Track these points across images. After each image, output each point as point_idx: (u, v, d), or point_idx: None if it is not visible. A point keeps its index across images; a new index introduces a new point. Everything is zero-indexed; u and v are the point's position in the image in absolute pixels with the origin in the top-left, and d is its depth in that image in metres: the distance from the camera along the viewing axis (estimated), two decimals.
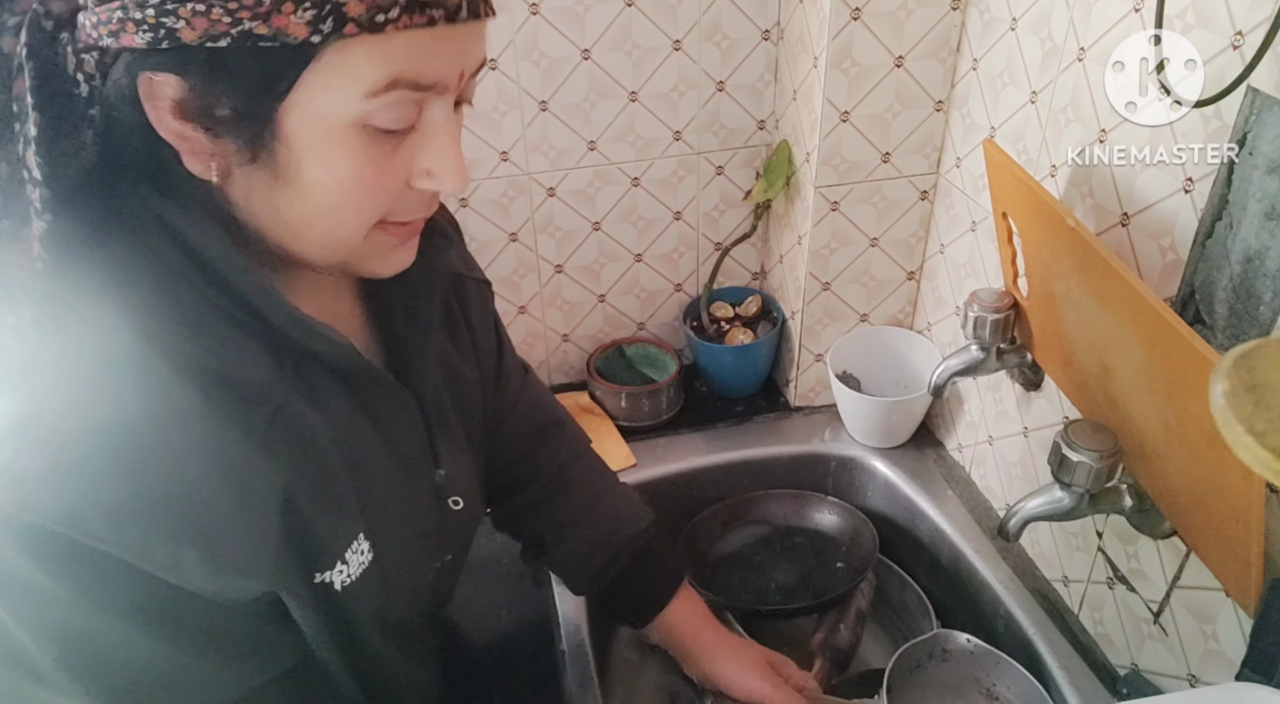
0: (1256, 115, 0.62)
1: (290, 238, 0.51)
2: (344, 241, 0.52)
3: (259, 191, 0.49)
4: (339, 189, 0.49)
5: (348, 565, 0.57)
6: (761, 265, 1.37)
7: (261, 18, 0.42)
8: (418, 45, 0.46)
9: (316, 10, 0.42)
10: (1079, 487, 0.76)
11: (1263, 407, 0.42)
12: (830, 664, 0.96)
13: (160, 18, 0.42)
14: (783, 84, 1.17)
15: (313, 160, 0.47)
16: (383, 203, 0.51)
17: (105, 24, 0.44)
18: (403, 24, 0.44)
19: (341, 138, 0.47)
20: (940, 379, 0.96)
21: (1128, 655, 0.89)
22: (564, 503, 0.87)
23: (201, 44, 0.43)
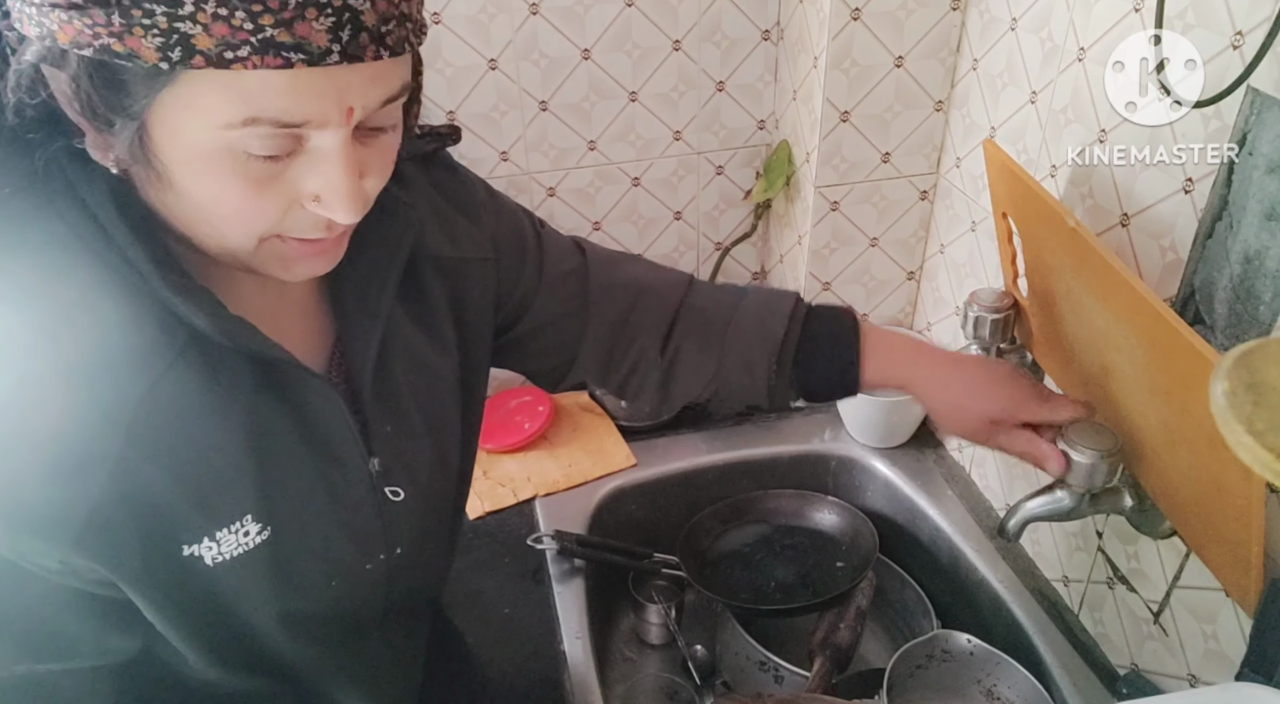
0: (1256, 115, 0.62)
1: (188, 232, 0.52)
2: (233, 248, 0.52)
3: (150, 188, 0.50)
4: (213, 202, 0.49)
5: (217, 543, 0.57)
6: (761, 265, 1.37)
7: (116, 36, 0.43)
8: (276, 86, 0.45)
9: (164, 38, 0.42)
10: (1079, 487, 0.76)
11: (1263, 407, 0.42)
12: (830, 664, 0.96)
13: (40, 17, 0.44)
14: (783, 84, 1.17)
15: (182, 172, 0.48)
16: (265, 220, 0.51)
17: (12, 9, 0.45)
18: (252, 63, 0.43)
19: (208, 158, 0.47)
20: None
21: (1128, 655, 0.89)
22: (691, 356, 0.81)
23: (74, 50, 0.44)
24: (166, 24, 0.42)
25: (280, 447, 0.59)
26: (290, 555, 0.61)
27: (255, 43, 0.43)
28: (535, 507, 1.15)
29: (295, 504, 0.60)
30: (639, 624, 1.13)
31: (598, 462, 1.20)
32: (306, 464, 0.61)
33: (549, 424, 1.24)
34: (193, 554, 0.56)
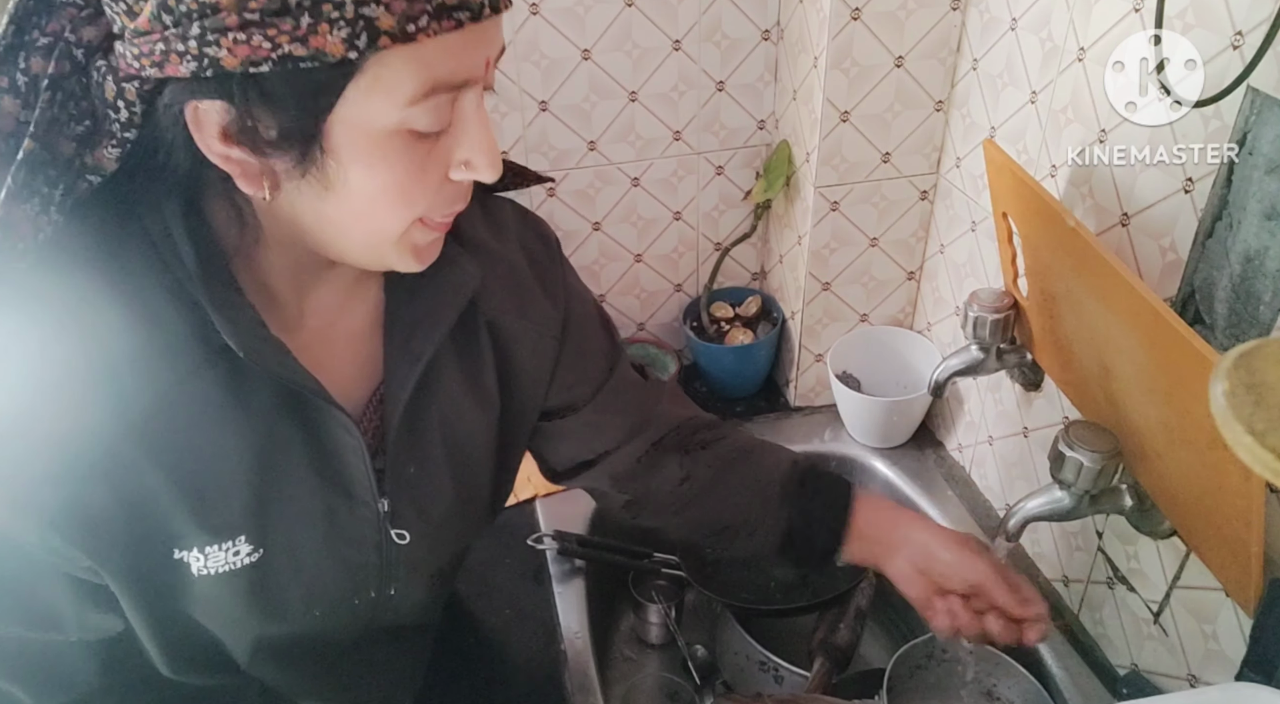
0: (1256, 115, 0.62)
1: (335, 237, 0.54)
2: (384, 239, 0.54)
3: (306, 201, 0.51)
4: (384, 192, 0.51)
5: (205, 556, 0.58)
6: (761, 265, 1.37)
7: (300, 40, 0.44)
8: (448, 48, 0.47)
9: (350, 28, 0.44)
10: (1079, 487, 0.76)
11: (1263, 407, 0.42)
12: (830, 664, 0.96)
13: (203, 48, 0.44)
14: (783, 84, 1.17)
15: (359, 168, 0.50)
16: (423, 201, 0.53)
17: (147, 55, 0.45)
18: (432, 30, 0.46)
19: (385, 145, 0.49)
20: (940, 379, 0.96)
21: (1128, 655, 0.89)
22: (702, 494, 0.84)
23: (244, 70, 0.45)
24: (353, 12, 0.44)
25: (290, 472, 0.59)
26: (276, 581, 0.61)
27: (431, 9, 0.45)
28: (535, 507, 1.15)
29: (292, 531, 0.60)
30: (639, 624, 1.13)
31: None
32: (314, 494, 0.61)
33: None
34: (181, 560, 0.57)
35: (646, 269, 1.33)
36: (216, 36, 0.44)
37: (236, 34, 0.44)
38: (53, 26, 0.47)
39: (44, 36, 0.47)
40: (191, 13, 0.44)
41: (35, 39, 0.47)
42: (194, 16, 0.44)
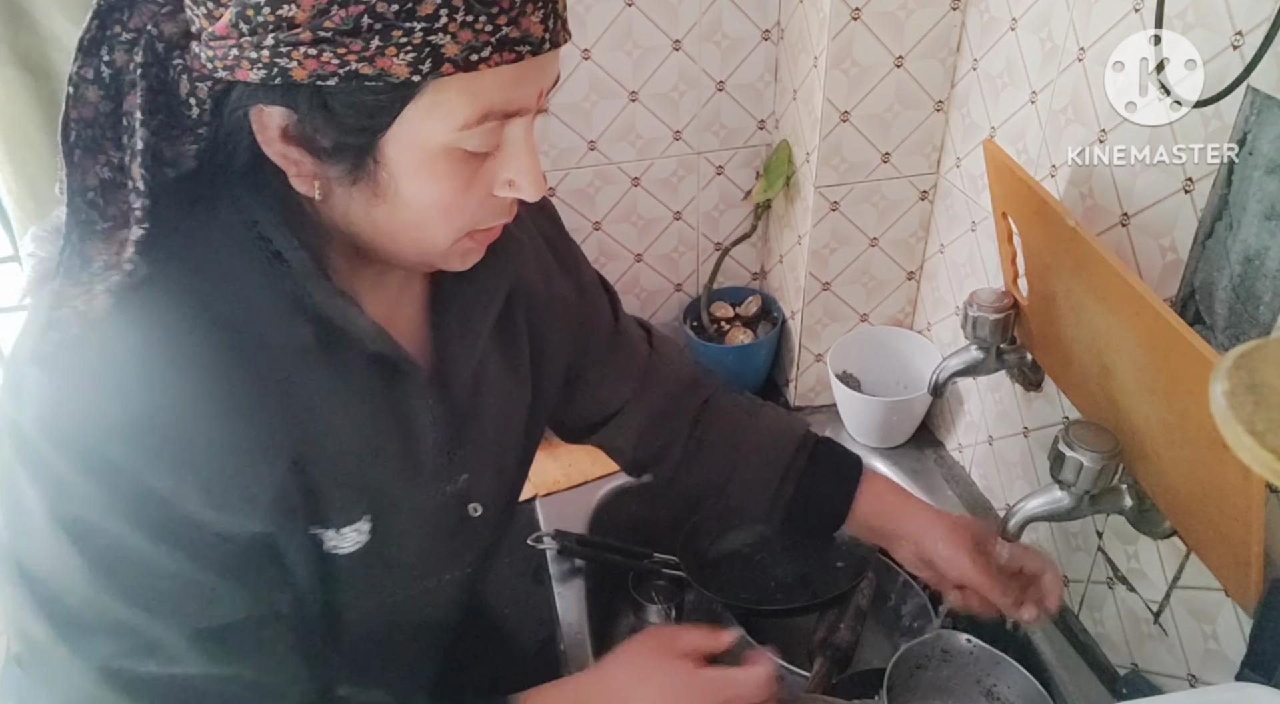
0: (1256, 115, 0.62)
1: (384, 242, 0.56)
2: (431, 248, 0.57)
3: (358, 206, 0.54)
4: (432, 206, 0.54)
5: (343, 537, 0.60)
6: (761, 265, 1.37)
7: (367, 59, 0.46)
8: (505, 78, 0.50)
9: (416, 52, 0.46)
10: (1079, 487, 0.76)
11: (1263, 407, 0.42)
12: (830, 664, 0.96)
13: (274, 58, 0.47)
14: (783, 84, 1.17)
15: (409, 182, 0.52)
16: (470, 216, 0.56)
17: (220, 58, 0.48)
18: (494, 61, 0.48)
19: (435, 162, 0.52)
20: (940, 379, 0.96)
21: (1128, 655, 0.89)
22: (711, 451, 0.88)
23: (311, 82, 0.47)
24: (421, 39, 0.46)
25: (388, 451, 0.62)
26: (389, 557, 0.64)
27: (494, 42, 0.48)
28: (535, 506, 1.15)
29: (395, 508, 0.63)
30: (639, 624, 1.13)
31: (597, 461, 1.20)
32: (407, 471, 0.64)
33: None
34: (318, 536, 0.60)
35: (646, 269, 1.33)
36: (289, 49, 0.46)
37: (308, 48, 0.46)
38: (135, 22, 0.49)
39: (127, 31, 0.49)
40: (268, 24, 0.46)
41: (118, 34, 0.49)
42: (270, 28, 0.46)
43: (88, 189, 0.50)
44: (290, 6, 0.45)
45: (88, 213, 0.50)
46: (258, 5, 0.45)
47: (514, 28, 0.48)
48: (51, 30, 0.91)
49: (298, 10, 0.45)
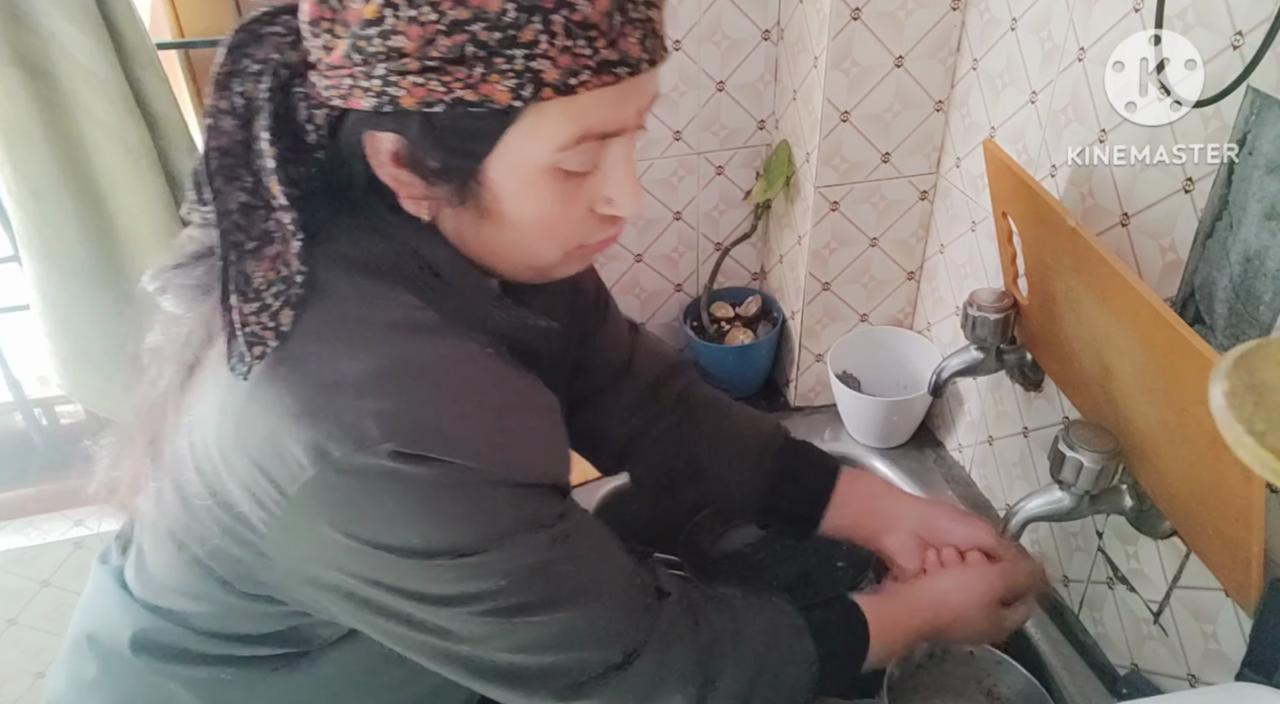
0: (1256, 115, 0.62)
1: (494, 258, 0.60)
2: (543, 263, 0.60)
3: (467, 226, 0.57)
4: (535, 224, 0.56)
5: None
6: (761, 265, 1.37)
7: (471, 86, 0.49)
8: (603, 100, 0.51)
9: (517, 78, 0.48)
10: (1079, 487, 0.76)
11: (1263, 407, 0.42)
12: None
13: (385, 86, 0.49)
14: (783, 84, 1.17)
15: (511, 202, 0.55)
16: (574, 233, 0.59)
17: (335, 87, 0.51)
18: (592, 85, 0.50)
19: (536, 182, 0.54)
20: (940, 379, 0.96)
21: (1128, 655, 0.89)
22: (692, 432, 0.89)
23: (419, 109, 0.50)
24: (522, 65, 0.48)
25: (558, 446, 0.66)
26: None
27: (593, 65, 0.49)
28: None
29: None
30: None
31: None
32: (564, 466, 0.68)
33: None
34: None
35: (646, 269, 1.33)
36: (398, 77, 0.49)
37: (416, 77, 0.48)
38: (262, 53, 0.52)
39: (255, 63, 0.52)
40: (379, 54, 0.48)
41: (248, 66, 0.52)
42: (380, 57, 0.49)
43: (231, 212, 0.53)
44: (399, 37, 0.48)
45: (235, 234, 0.53)
46: (369, 36, 0.48)
47: (612, 50, 0.49)
48: (51, 30, 0.90)
49: (406, 40, 0.48)
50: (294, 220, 0.53)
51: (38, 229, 1.00)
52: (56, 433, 1.34)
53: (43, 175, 0.97)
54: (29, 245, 1.01)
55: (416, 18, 0.47)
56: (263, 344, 0.52)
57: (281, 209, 0.53)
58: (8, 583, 1.26)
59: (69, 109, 0.95)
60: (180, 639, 0.64)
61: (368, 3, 0.48)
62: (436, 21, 0.47)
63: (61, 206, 0.99)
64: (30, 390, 1.29)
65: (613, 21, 0.49)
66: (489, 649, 0.59)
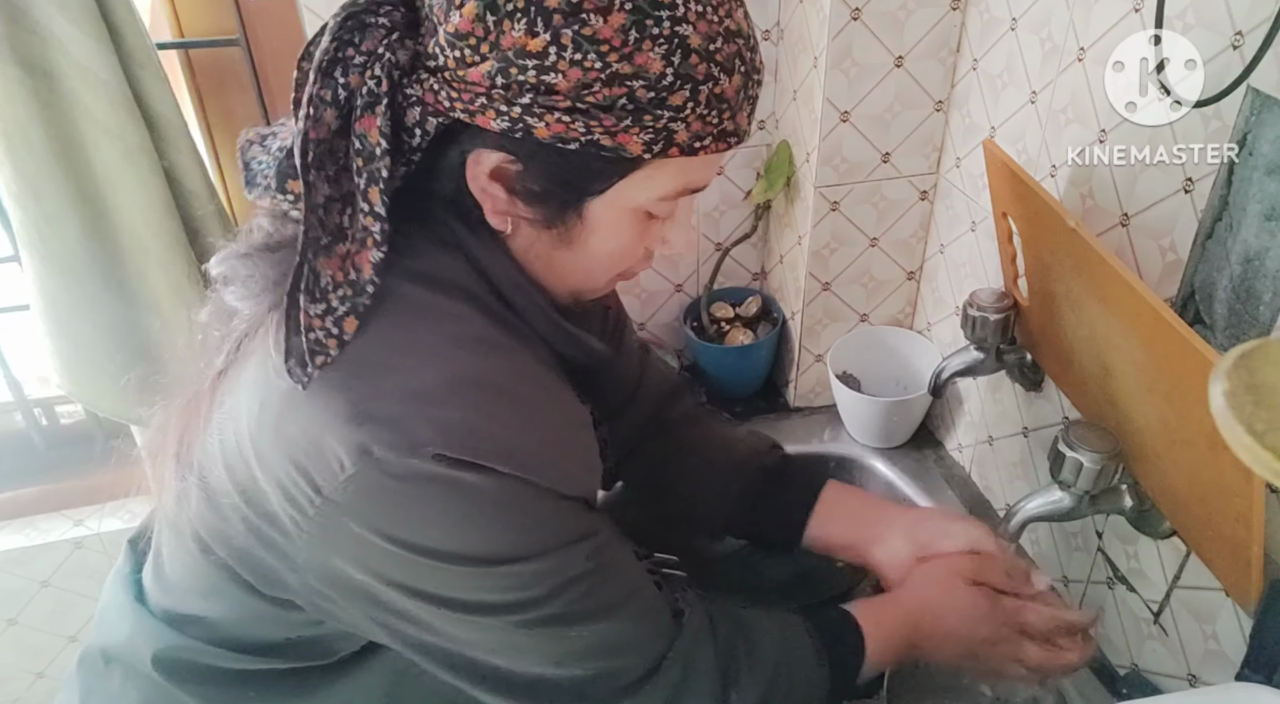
0: (1256, 115, 0.62)
1: (551, 278, 0.62)
2: (591, 289, 0.65)
3: (540, 247, 0.59)
4: (608, 257, 0.60)
5: None
6: (761, 265, 1.37)
7: (610, 133, 0.51)
8: (709, 162, 0.57)
9: (654, 135, 0.52)
10: (1079, 487, 0.76)
11: (1263, 407, 0.42)
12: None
13: (524, 115, 0.50)
14: (783, 84, 1.17)
15: (600, 235, 0.58)
16: (629, 263, 0.63)
17: (465, 102, 0.51)
18: (711, 149, 0.54)
19: (626, 223, 0.58)
20: (940, 379, 0.96)
21: (1128, 655, 0.89)
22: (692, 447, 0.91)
23: (552, 143, 0.51)
24: (663, 124, 0.51)
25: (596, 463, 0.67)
26: None
27: (715, 133, 0.53)
28: None
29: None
30: None
31: None
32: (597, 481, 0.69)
33: None
34: None
35: (647, 269, 1.33)
36: (543, 112, 0.50)
37: (562, 115, 0.50)
38: (367, 45, 0.52)
39: (359, 54, 0.52)
40: (527, 85, 0.49)
41: (352, 57, 0.52)
42: (528, 88, 0.49)
43: (317, 206, 0.52)
44: (555, 75, 0.49)
45: (316, 230, 0.52)
46: (523, 67, 0.49)
47: (731, 122, 0.54)
48: (51, 30, 0.90)
49: (562, 79, 0.49)
50: (382, 230, 0.53)
51: (38, 229, 1.00)
52: (56, 433, 1.34)
53: (43, 175, 0.97)
54: (29, 245, 1.01)
55: (581, 62, 0.49)
56: (325, 353, 0.52)
57: (374, 217, 0.52)
58: (8, 583, 1.26)
59: (69, 109, 0.95)
60: (201, 655, 0.64)
61: (534, 36, 0.48)
62: (600, 70, 0.49)
63: (61, 206, 0.99)
64: (30, 390, 1.29)
65: (739, 98, 0.54)
66: (521, 661, 0.59)
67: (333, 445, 0.51)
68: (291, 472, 0.53)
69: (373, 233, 0.53)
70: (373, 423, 0.51)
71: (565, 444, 0.59)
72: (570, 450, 0.59)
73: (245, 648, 0.63)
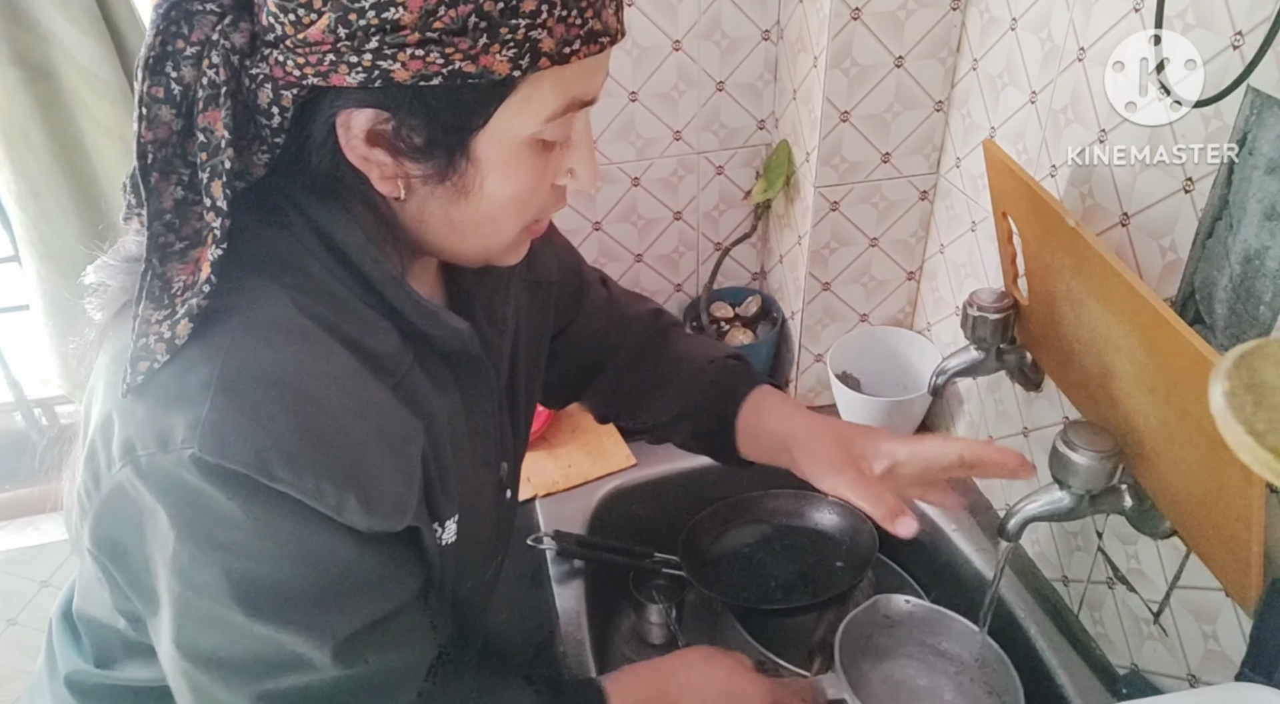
0: (1256, 115, 0.62)
1: (453, 239, 0.58)
2: (500, 243, 0.59)
3: (437, 204, 0.55)
4: (511, 199, 0.55)
5: (446, 530, 0.61)
6: (761, 265, 1.37)
7: (471, 58, 0.47)
8: (587, 70, 0.52)
9: (517, 48, 0.48)
10: (1079, 487, 0.76)
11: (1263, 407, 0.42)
12: (830, 663, 0.96)
13: (377, 61, 0.47)
14: (783, 84, 1.17)
15: (495, 177, 0.54)
16: (537, 205, 0.58)
17: (313, 65, 0.48)
18: (582, 53, 0.50)
19: (520, 156, 0.53)
20: (940, 379, 0.96)
21: (1128, 655, 0.89)
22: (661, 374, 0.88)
23: (414, 83, 0.48)
24: (523, 35, 0.48)
25: (463, 445, 0.64)
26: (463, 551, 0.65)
27: (583, 34, 0.50)
28: (535, 507, 1.15)
29: (473, 501, 0.65)
30: (639, 624, 1.13)
31: (597, 462, 1.20)
32: (475, 464, 0.66)
33: (548, 424, 1.24)
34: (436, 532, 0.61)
35: (647, 269, 1.33)
36: (394, 51, 0.47)
37: (414, 50, 0.47)
38: (197, 35, 0.48)
39: (190, 45, 0.48)
40: (371, 28, 0.46)
41: (182, 49, 0.48)
42: (373, 31, 0.46)
43: (165, 211, 0.50)
44: (396, 9, 0.46)
45: (165, 235, 0.50)
46: (361, 9, 0.46)
47: (597, 20, 0.50)
48: (51, 30, 0.91)
49: (404, 13, 0.46)
50: (223, 226, 0.49)
51: (38, 229, 1.00)
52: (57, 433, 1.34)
53: (43, 175, 0.97)
54: (29, 245, 1.01)
55: None
56: (150, 358, 0.49)
57: (216, 212, 0.49)
58: (8, 583, 1.26)
59: (69, 109, 0.95)
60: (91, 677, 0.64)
61: None
62: None
63: (61, 206, 0.99)
64: (30, 390, 1.29)
65: None
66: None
67: (112, 439, 0.50)
68: (86, 470, 0.52)
69: (214, 229, 0.49)
70: (135, 419, 0.49)
71: (350, 455, 0.52)
72: (354, 463, 0.52)
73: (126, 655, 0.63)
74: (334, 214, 0.54)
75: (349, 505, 0.51)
